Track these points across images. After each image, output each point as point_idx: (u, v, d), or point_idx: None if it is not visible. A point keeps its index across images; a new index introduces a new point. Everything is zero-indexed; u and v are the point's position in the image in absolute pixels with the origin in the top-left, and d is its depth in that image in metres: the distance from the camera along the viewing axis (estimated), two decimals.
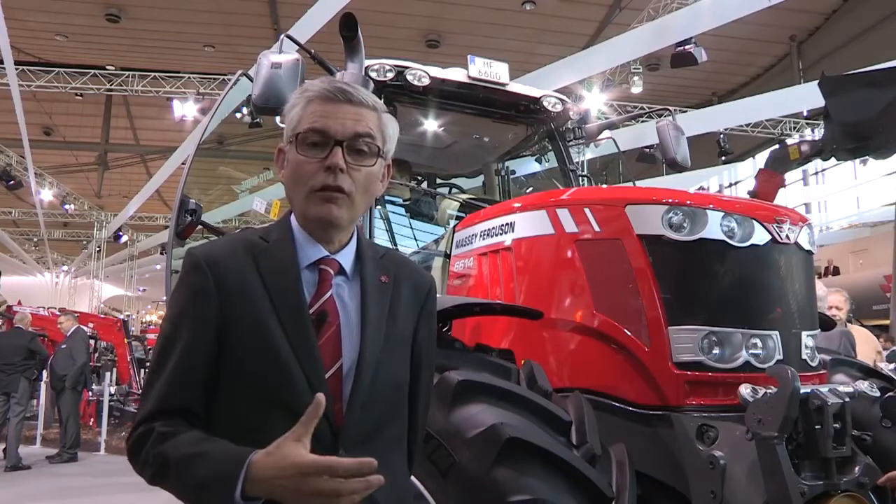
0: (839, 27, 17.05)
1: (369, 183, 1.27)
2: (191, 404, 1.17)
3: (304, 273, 1.25)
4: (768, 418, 1.88)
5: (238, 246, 1.26)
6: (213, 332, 1.19)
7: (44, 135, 22.74)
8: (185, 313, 1.21)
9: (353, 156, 1.23)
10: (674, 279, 2.29)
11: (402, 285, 1.33)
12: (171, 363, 1.18)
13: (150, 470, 1.12)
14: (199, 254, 1.24)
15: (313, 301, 1.23)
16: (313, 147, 1.23)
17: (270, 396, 1.16)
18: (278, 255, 1.25)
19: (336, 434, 1.16)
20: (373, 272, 1.30)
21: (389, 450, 1.24)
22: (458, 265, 3.14)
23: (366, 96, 1.27)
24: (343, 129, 1.22)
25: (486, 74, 3.78)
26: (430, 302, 1.40)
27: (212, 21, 17.30)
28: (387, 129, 1.30)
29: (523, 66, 12.50)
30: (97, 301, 27.33)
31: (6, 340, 8.55)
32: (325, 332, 1.21)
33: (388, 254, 1.38)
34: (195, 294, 1.21)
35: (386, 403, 1.24)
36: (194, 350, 1.18)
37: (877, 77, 4.07)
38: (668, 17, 11.99)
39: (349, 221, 1.27)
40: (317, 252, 1.26)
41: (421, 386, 1.36)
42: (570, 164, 4.18)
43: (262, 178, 18.13)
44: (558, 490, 1.76)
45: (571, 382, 2.42)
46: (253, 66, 2.90)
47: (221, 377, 1.19)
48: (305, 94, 1.26)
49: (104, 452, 9.23)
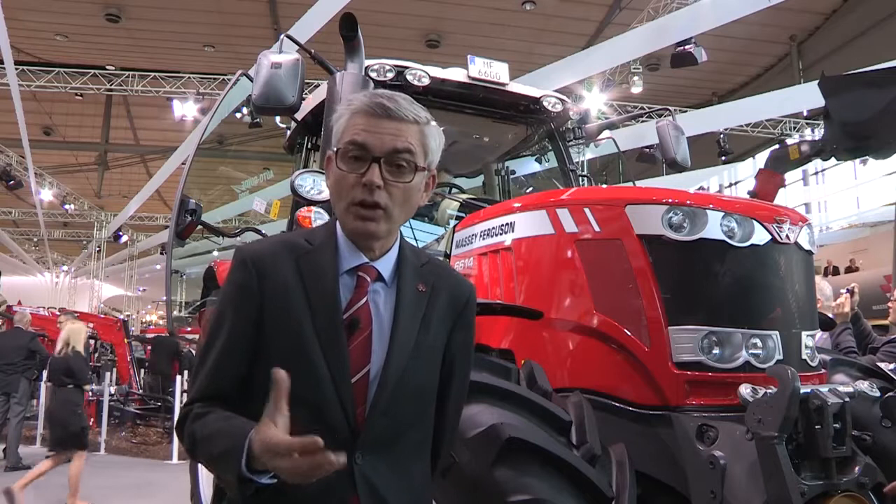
0: (839, 27, 17.04)
1: (408, 197, 1.29)
2: (229, 392, 1.25)
3: (343, 278, 1.28)
4: (768, 418, 1.88)
5: (283, 247, 1.31)
6: (253, 327, 1.25)
7: (44, 135, 22.74)
8: (228, 308, 1.28)
9: (391, 171, 1.25)
10: (674, 279, 2.29)
11: (439, 294, 1.35)
12: (214, 354, 1.26)
13: (186, 445, 1.23)
14: (246, 252, 1.30)
15: (348, 306, 1.26)
16: (354, 161, 1.25)
17: (296, 394, 1.17)
18: (319, 260, 1.29)
19: (355, 437, 1.20)
20: (411, 280, 1.32)
21: (409, 455, 1.28)
22: (457, 265, 3.13)
23: (407, 111, 1.27)
24: (381, 145, 1.24)
25: (486, 74, 3.78)
26: (468, 312, 1.40)
27: (212, 21, 17.30)
28: (429, 142, 1.31)
29: (523, 66, 12.50)
30: (97, 301, 27.34)
31: (6, 340, 8.55)
32: (356, 338, 1.24)
33: (431, 262, 1.40)
34: (239, 290, 1.27)
35: (409, 410, 1.27)
36: (235, 343, 1.26)
37: (877, 77, 4.06)
38: (668, 17, 11.99)
39: (387, 233, 1.29)
40: (357, 258, 1.30)
41: (451, 394, 1.38)
42: (570, 164, 4.18)
43: (262, 178, 18.14)
44: (558, 490, 1.76)
45: (571, 382, 2.41)
46: (253, 66, 2.90)
47: (254, 370, 1.24)
48: (350, 107, 1.29)
49: (104, 452, 9.23)
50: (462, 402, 1.46)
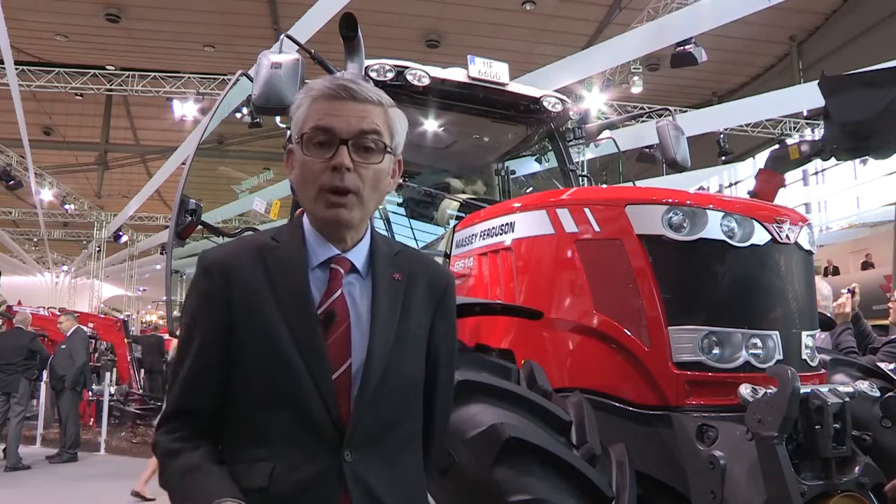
0: (839, 27, 17.04)
1: (378, 180, 1.25)
2: (203, 406, 1.21)
3: (316, 272, 1.24)
4: (768, 418, 1.88)
5: (248, 247, 1.26)
6: (223, 335, 1.20)
7: (44, 135, 22.73)
8: (196, 319, 1.23)
9: (359, 154, 1.21)
10: (674, 279, 2.29)
11: (416, 282, 1.31)
12: (185, 368, 1.22)
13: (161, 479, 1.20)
14: (209, 258, 1.25)
15: (322, 300, 1.21)
16: (319, 147, 1.21)
17: (276, 398, 1.17)
18: (286, 256, 1.24)
19: (342, 435, 1.16)
20: (385, 269, 1.28)
21: (400, 450, 1.24)
22: (457, 265, 3.14)
23: (370, 92, 1.24)
24: (348, 127, 1.20)
25: (486, 74, 3.78)
26: (448, 299, 1.36)
27: (212, 21, 17.29)
28: (394, 124, 1.27)
29: (523, 66, 12.49)
30: (97, 301, 27.32)
31: (6, 340, 8.55)
32: (333, 332, 1.20)
33: (404, 251, 1.36)
34: (205, 299, 1.23)
35: (396, 403, 1.23)
36: (205, 355, 1.21)
37: (877, 77, 4.06)
38: (668, 17, 11.98)
39: (360, 220, 1.26)
40: (328, 251, 1.25)
41: (438, 385, 1.34)
42: (570, 164, 4.18)
43: (262, 178, 18.11)
44: (558, 490, 1.76)
45: (571, 382, 2.42)
46: (253, 66, 2.90)
47: (231, 377, 1.20)
48: (310, 94, 1.24)
49: (104, 452, 9.23)
50: (451, 393, 1.42)
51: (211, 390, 1.21)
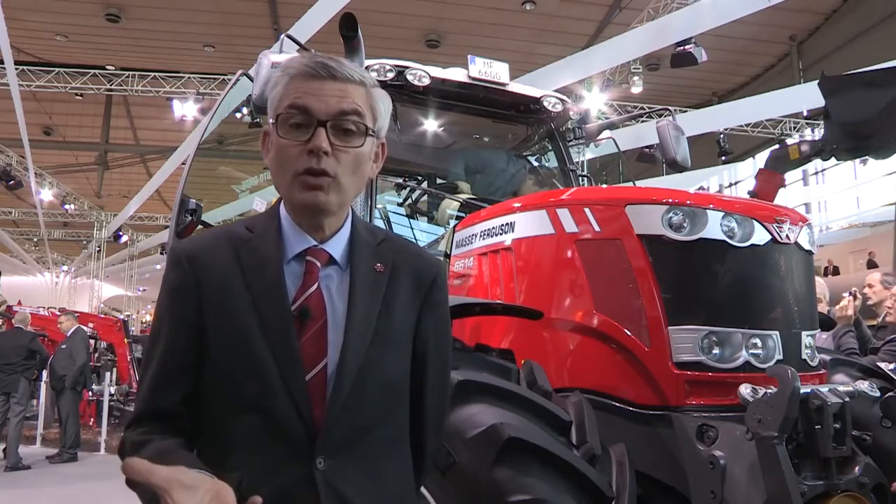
0: (839, 27, 17.05)
1: (358, 164, 1.16)
2: (172, 406, 1.13)
3: (291, 265, 1.16)
4: (768, 418, 1.88)
5: (221, 238, 1.19)
6: (193, 330, 1.13)
7: (44, 135, 22.74)
8: (165, 314, 1.16)
9: (338, 136, 1.13)
10: (674, 279, 2.29)
11: (400, 274, 1.21)
12: (153, 366, 1.15)
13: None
14: (179, 249, 1.18)
15: (297, 295, 1.13)
16: (296, 128, 1.12)
17: (245, 401, 1.09)
18: (260, 248, 1.16)
19: (313, 440, 1.08)
20: (366, 260, 1.19)
21: (380, 456, 1.14)
22: (458, 265, 3.14)
23: (352, 71, 1.15)
24: (326, 108, 1.12)
25: (486, 74, 3.78)
26: (436, 291, 1.25)
27: (212, 21, 17.31)
28: (377, 105, 1.18)
29: (523, 66, 12.49)
30: (97, 301, 27.33)
31: (6, 340, 8.55)
32: (308, 330, 1.11)
33: (389, 239, 1.26)
34: (174, 292, 1.16)
35: (374, 405, 1.14)
36: (174, 352, 1.14)
37: (877, 77, 4.06)
38: (668, 17, 11.99)
39: (339, 206, 1.17)
40: (304, 242, 1.17)
41: (427, 384, 1.24)
42: (570, 164, 4.18)
43: (262, 177, 18.12)
44: (558, 490, 1.76)
45: (571, 382, 2.41)
46: (253, 66, 2.90)
47: (202, 377, 1.13)
48: (287, 71, 1.16)
49: (104, 452, 9.22)
50: (445, 393, 1.32)
51: (183, 387, 1.13)
